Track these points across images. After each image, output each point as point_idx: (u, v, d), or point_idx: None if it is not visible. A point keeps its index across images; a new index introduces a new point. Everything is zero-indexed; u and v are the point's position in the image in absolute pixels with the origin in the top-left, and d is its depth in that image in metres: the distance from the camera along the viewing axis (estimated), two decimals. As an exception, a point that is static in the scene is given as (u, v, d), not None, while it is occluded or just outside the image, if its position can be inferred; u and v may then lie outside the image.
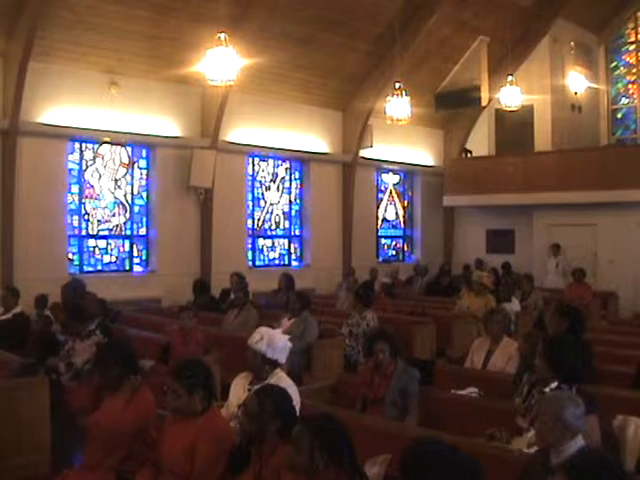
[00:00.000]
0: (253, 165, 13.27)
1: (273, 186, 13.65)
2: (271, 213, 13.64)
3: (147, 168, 11.76)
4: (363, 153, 14.37)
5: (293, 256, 13.97)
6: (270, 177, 13.61)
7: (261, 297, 10.68)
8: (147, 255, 11.76)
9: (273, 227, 13.68)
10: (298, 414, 3.71)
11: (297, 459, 3.07)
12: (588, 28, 15.88)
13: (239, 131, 12.47)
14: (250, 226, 13.14)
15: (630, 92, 16.42)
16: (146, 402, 4.03)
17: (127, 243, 11.62)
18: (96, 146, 11.14)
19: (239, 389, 4.41)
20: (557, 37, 15.12)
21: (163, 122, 11.50)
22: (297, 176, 14.04)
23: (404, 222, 16.33)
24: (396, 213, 16.19)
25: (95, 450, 3.96)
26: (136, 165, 11.67)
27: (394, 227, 16.15)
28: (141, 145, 11.59)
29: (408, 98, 11.51)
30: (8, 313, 7.60)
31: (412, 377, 4.85)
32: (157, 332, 7.58)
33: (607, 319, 10.86)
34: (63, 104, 10.26)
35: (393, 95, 11.49)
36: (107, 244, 11.36)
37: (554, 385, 4.18)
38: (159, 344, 6.87)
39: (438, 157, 16.45)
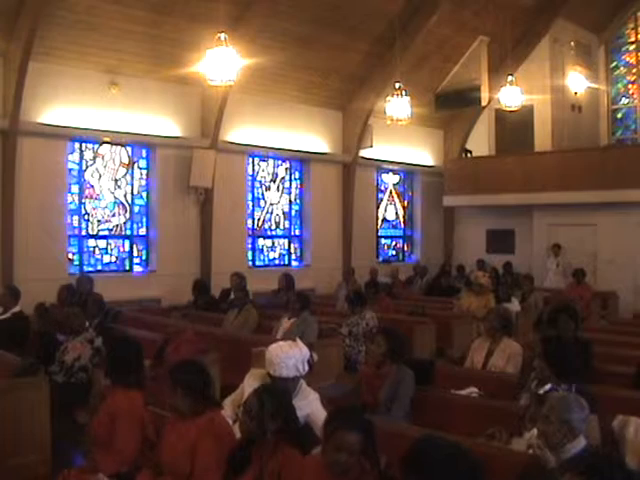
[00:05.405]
0: (253, 165, 13.28)
1: (273, 186, 13.65)
2: (271, 213, 13.64)
3: (147, 168, 11.76)
4: (363, 153, 14.37)
5: (293, 256, 13.97)
6: (270, 177, 13.61)
7: (261, 297, 10.67)
8: (147, 255, 11.76)
9: (273, 227, 13.68)
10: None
11: (346, 461, 2.95)
12: (588, 28, 15.86)
13: (239, 131, 12.47)
14: (250, 226, 13.14)
15: (630, 92, 16.40)
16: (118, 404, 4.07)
17: (127, 243, 11.62)
18: (96, 146, 11.15)
19: (256, 383, 4.19)
20: (557, 37, 15.11)
21: (163, 122, 11.50)
22: (297, 176, 14.04)
23: (404, 222, 16.33)
24: (396, 213, 16.19)
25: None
26: (136, 165, 11.68)
27: (394, 227, 16.15)
28: (141, 145, 11.59)
29: (408, 98, 11.51)
30: (7, 313, 7.59)
31: (404, 377, 4.80)
32: (157, 332, 7.57)
33: (607, 319, 10.86)
34: (63, 104, 10.26)
35: (393, 95, 11.50)
36: (107, 244, 11.36)
37: (548, 387, 4.20)
38: (156, 344, 6.86)
39: (438, 157, 16.45)
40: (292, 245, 13.99)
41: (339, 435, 2.97)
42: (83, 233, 11.06)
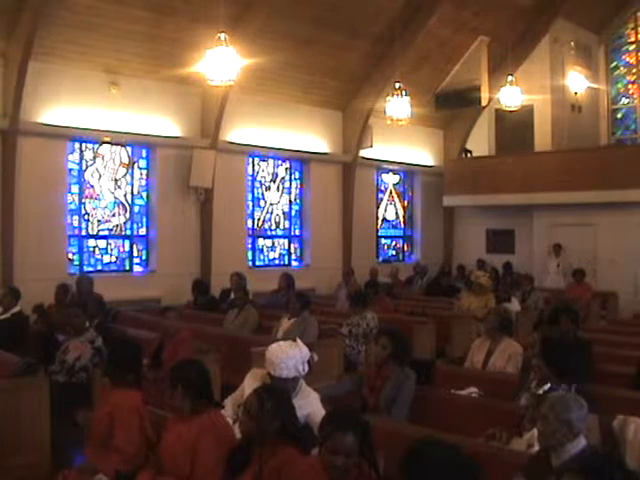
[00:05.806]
0: (253, 165, 13.27)
1: (273, 186, 13.65)
2: (271, 213, 13.64)
3: (147, 168, 11.76)
4: (363, 153, 14.37)
5: (293, 256, 13.97)
6: (270, 177, 13.61)
7: (261, 297, 10.67)
8: (147, 255, 11.75)
9: (273, 227, 13.68)
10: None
11: (344, 463, 2.93)
12: (588, 28, 15.87)
13: (239, 131, 12.47)
14: (250, 226, 13.13)
15: (630, 92, 16.41)
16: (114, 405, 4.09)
17: (127, 243, 11.62)
18: (96, 146, 11.14)
19: (257, 383, 4.24)
20: (557, 37, 15.11)
21: (163, 122, 11.50)
22: (297, 176, 14.04)
23: (404, 222, 16.33)
24: (396, 213, 16.19)
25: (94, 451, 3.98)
26: (136, 165, 11.67)
27: (394, 227, 16.15)
28: (141, 145, 11.59)
29: (408, 98, 11.52)
30: (7, 313, 7.59)
31: (406, 380, 4.80)
32: (156, 332, 7.56)
33: (607, 319, 10.86)
34: (63, 104, 10.26)
35: (393, 95, 11.51)
36: (107, 244, 11.36)
37: (547, 387, 4.20)
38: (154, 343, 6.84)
39: (438, 157, 16.45)
40: (292, 245, 13.99)
41: (335, 438, 2.95)
42: (83, 233, 11.06)
